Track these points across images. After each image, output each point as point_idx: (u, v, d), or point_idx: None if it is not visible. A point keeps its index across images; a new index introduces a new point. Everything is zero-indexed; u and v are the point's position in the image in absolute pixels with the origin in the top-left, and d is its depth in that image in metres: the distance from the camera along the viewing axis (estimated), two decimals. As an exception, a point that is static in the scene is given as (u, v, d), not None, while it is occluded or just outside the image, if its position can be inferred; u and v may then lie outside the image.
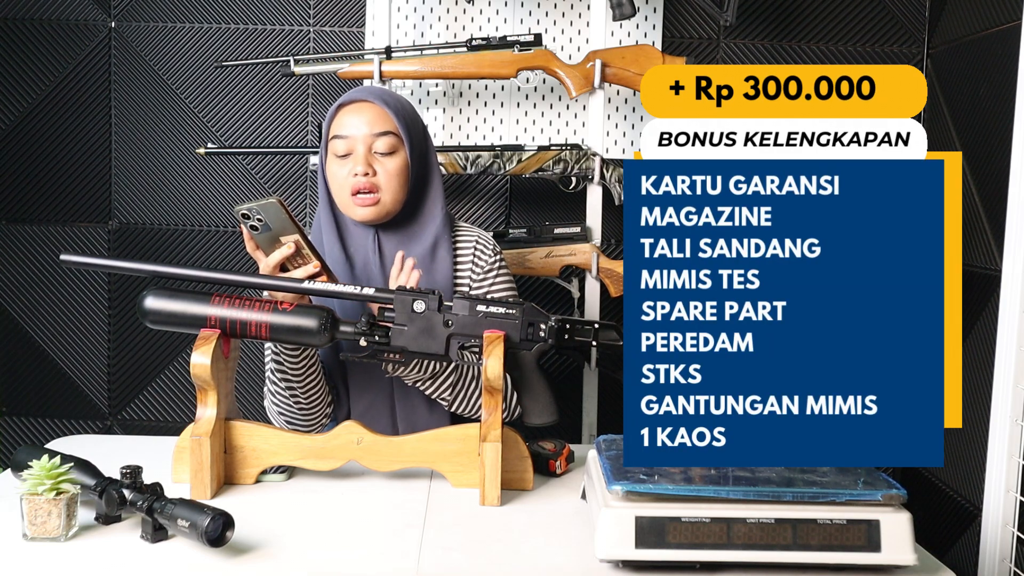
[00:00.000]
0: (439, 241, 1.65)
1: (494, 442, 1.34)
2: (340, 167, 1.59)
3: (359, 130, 1.58)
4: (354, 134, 1.58)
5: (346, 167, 1.59)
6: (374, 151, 1.59)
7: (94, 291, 2.60)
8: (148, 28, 2.54)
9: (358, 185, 1.57)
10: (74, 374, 2.62)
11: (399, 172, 1.60)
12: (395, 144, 1.60)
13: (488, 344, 1.38)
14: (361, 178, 1.57)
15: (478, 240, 1.71)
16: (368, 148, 1.58)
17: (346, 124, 1.59)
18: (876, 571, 1.14)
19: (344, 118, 1.60)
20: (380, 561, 1.16)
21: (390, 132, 1.59)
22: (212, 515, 1.12)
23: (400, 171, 1.60)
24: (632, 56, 2.29)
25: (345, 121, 1.59)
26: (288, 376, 1.56)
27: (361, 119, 1.59)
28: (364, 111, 1.59)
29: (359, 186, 1.57)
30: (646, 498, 1.13)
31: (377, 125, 1.59)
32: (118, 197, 2.58)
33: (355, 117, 1.59)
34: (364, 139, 1.58)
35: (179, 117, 2.57)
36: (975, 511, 2.11)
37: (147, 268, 1.43)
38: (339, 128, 1.59)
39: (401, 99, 1.66)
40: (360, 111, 1.59)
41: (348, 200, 1.60)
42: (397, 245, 1.64)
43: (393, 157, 1.60)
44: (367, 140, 1.58)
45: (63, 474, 1.19)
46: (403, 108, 1.63)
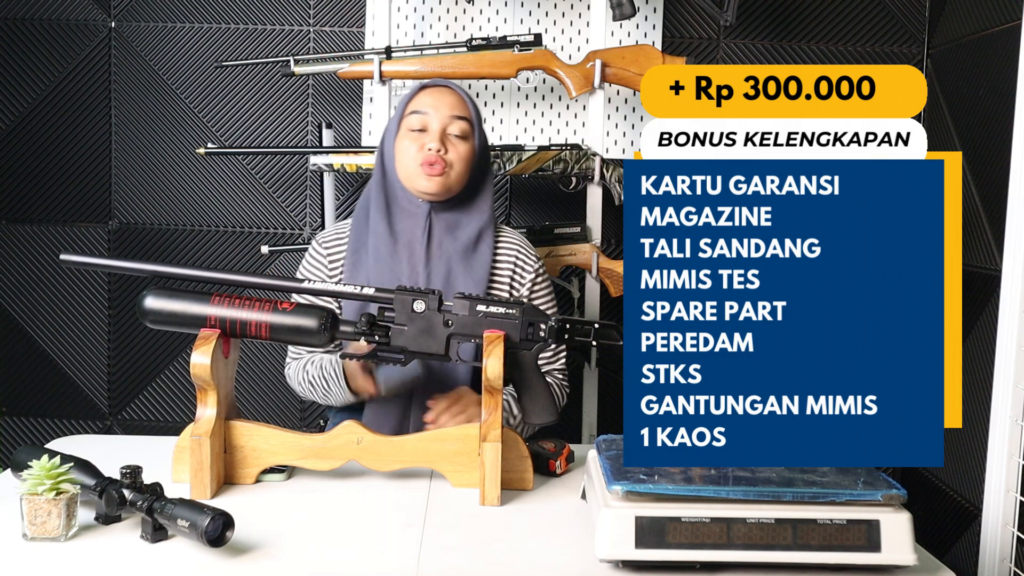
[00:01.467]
0: (483, 235, 1.72)
1: (494, 442, 1.34)
2: (412, 141, 1.67)
3: (439, 110, 1.67)
4: (432, 110, 1.67)
5: (418, 141, 1.67)
6: (448, 132, 1.67)
7: (94, 291, 2.60)
8: (148, 28, 2.54)
9: (431, 158, 1.65)
10: (74, 374, 2.62)
11: (467, 156, 1.69)
12: (467, 130, 1.69)
13: (488, 344, 1.38)
14: (435, 153, 1.65)
15: (521, 248, 1.78)
16: (443, 128, 1.67)
17: (426, 103, 1.68)
18: (876, 571, 1.14)
19: (425, 97, 1.69)
20: (380, 561, 1.16)
21: (465, 118, 1.68)
22: (212, 515, 1.12)
23: (468, 156, 1.69)
24: (632, 56, 2.29)
25: (425, 100, 1.69)
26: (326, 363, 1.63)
27: (441, 100, 1.68)
28: (444, 94, 1.69)
29: (431, 159, 1.65)
30: (646, 498, 1.13)
31: (456, 108, 1.69)
32: (118, 197, 2.59)
33: (435, 98, 1.68)
34: (442, 119, 1.67)
35: (179, 117, 2.57)
36: (975, 511, 2.11)
37: (147, 268, 1.43)
38: (418, 105, 1.69)
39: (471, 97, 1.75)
40: (441, 93, 1.69)
41: (416, 170, 1.66)
42: (445, 228, 1.70)
43: (465, 142, 1.69)
44: (444, 120, 1.67)
45: (63, 474, 1.19)
46: (474, 104, 1.74)
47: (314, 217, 2.58)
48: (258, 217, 2.59)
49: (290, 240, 2.60)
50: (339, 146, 2.35)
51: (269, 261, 2.58)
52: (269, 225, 2.60)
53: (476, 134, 1.70)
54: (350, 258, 1.70)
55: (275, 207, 2.59)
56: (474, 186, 1.72)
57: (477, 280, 1.68)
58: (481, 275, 1.69)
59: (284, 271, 2.59)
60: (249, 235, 2.60)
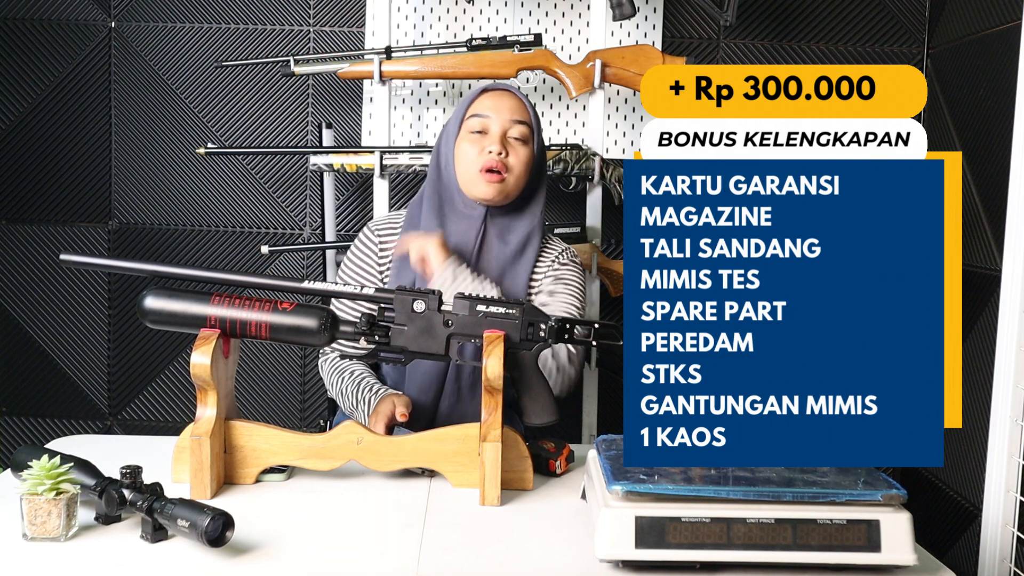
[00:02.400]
0: (531, 238, 1.72)
1: (494, 442, 1.34)
2: (472, 144, 1.67)
3: (500, 113, 1.67)
4: (494, 114, 1.67)
5: (479, 144, 1.66)
6: (508, 135, 1.67)
7: (94, 291, 2.60)
8: (148, 28, 2.54)
9: (491, 162, 1.64)
10: (74, 374, 2.62)
11: (526, 160, 1.69)
12: (528, 135, 1.68)
13: (488, 344, 1.38)
14: (495, 157, 1.64)
15: (565, 249, 1.79)
16: (504, 132, 1.67)
17: (488, 106, 1.68)
18: (876, 571, 1.14)
19: (486, 100, 1.69)
20: (380, 561, 1.16)
21: (526, 123, 1.68)
22: (212, 515, 1.12)
23: (527, 160, 1.69)
24: (632, 56, 2.29)
25: (487, 103, 1.69)
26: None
27: (502, 104, 1.68)
28: (505, 98, 1.69)
29: (492, 163, 1.64)
30: (646, 498, 1.13)
31: (517, 113, 1.68)
32: (118, 197, 2.59)
33: (497, 101, 1.68)
34: (503, 122, 1.67)
35: (179, 117, 2.57)
36: (975, 511, 2.11)
37: (147, 268, 1.43)
38: (480, 108, 1.68)
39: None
40: (502, 97, 1.69)
41: (475, 176, 1.66)
42: (497, 233, 1.70)
43: (525, 146, 1.69)
44: (505, 124, 1.67)
45: (63, 474, 1.19)
46: (535, 109, 1.74)
47: (314, 217, 2.59)
48: (258, 217, 2.59)
49: (290, 240, 2.60)
50: (339, 146, 2.36)
51: (269, 261, 2.58)
52: (269, 225, 2.60)
53: (535, 139, 1.70)
54: (398, 257, 1.70)
55: (275, 207, 2.59)
56: (529, 191, 1.72)
57: (521, 284, 1.70)
58: (524, 279, 1.70)
59: (284, 271, 2.59)
60: (249, 235, 2.60)
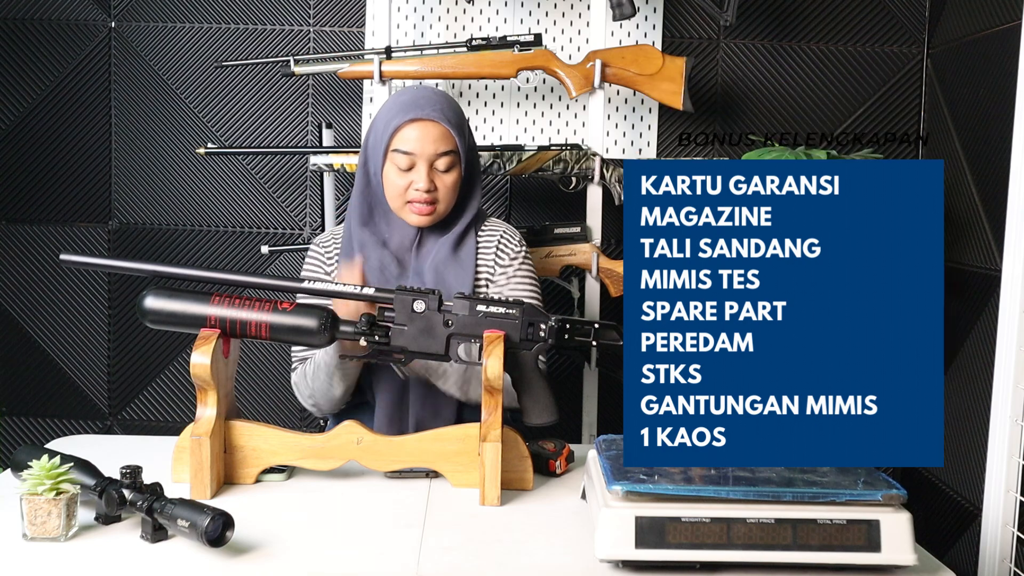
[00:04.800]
0: (468, 230, 1.71)
1: (494, 442, 1.34)
2: (399, 176, 1.65)
3: (424, 148, 1.64)
4: (419, 151, 1.64)
5: (405, 178, 1.65)
6: (434, 167, 1.65)
7: (94, 291, 2.60)
8: (148, 28, 2.54)
9: (419, 198, 1.64)
10: (74, 374, 2.62)
11: (454, 185, 1.68)
12: (453, 161, 1.66)
13: (488, 344, 1.38)
14: (424, 193, 1.64)
15: (503, 233, 1.77)
16: (430, 165, 1.64)
17: (410, 140, 1.64)
18: (876, 571, 1.14)
19: (408, 132, 1.64)
20: (380, 561, 1.16)
21: (451, 151, 1.65)
22: (212, 515, 1.12)
23: (455, 184, 1.68)
24: (632, 56, 2.29)
25: (409, 136, 1.64)
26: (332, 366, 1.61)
27: (426, 137, 1.64)
28: (429, 129, 1.64)
29: (420, 199, 1.64)
30: (646, 498, 1.13)
31: (441, 144, 1.64)
32: (118, 197, 2.58)
33: (420, 133, 1.64)
34: (428, 157, 1.64)
35: (179, 117, 2.57)
36: (975, 511, 2.11)
37: (147, 268, 1.43)
38: (403, 143, 1.64)
39: (453, 105, 1.70)
40: (425, 129, 1.64)
41: (403, 206, 1.67)
42: (432, 235, 1.70)
43: (451, 172, 1.67)
44: (430, 158, 1.64)
45: (63, 474, 1.19)
46: (459, 121, 1.69)
47: (314, 217, 2.58)
48: (258, 217, 2.59)
49: (290, 240, 2.60)
50: (339, 146, 2.35)
51: (269, 261, 2.58)
52: (269, 225, 2.60)
53: (463, 160, 1.68)
54: (342, 264, 1.69)
55: (275, 207, 2.59)
56: (463, 196, 1.72)
57: (466, 270, 1.69)
58: (469, 264, 1.69)
59: (284, 271, 2.59)
60: (249, 235, 2.60)
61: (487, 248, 1.74)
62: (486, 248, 1.74)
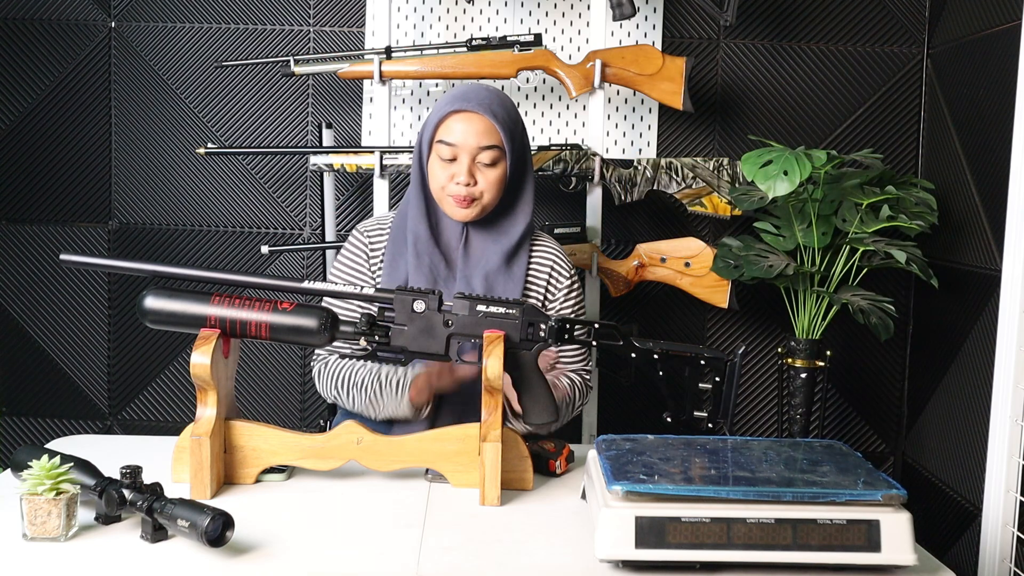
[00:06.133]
0: (521, 246, 1.71)
1: (494, 442, 1.34)
2: (442, 168, 1.65)
3: (467, 140, 1.63)
4: (461, 143, 1.63)
5: (448, 170, 1.64)
6: (477, 161, 1.64)
7: (94, 291, 2.60)
8: (148, 28, 2.54)
9: (459, 193, 1.63)
10: (74, 374, 2.62)
11: (499, 181, 1.66)
12: (498, 156, 1.65)
13: (488, 344, 1.38)
14: (463, 187, 1.63)
15: (556, 257, 1.77)
16: (472, 158, 1.63)
17: (454, 131, 1.63)
18: (876, 571, 1.14)
19: (453, 124, 1.64)
20: (380, 561, 1.16)
21: (495, 146, 1.64)
22: (212, 515, 1.12)
23: (499, 180, 1.66)
24: (632, 56, 2.29)
25: (454, 128, 1.63)
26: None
27: (470, 129, 1.63)
28: (473, 122, 1.63)
29: (460, 194, 1.63)
30: (646, 498, 1.13)
31: (484, 138, 1.63)
32: (118, 197, 2.59)
33: (464, 126, 1.63)
34: (470, 150, 1.63)
35: (179, 117, 2.57)
36: (975, 511, 2.11)
37: (147, 268, 1.43)
38: (447, 134, 1.64)
39: (506, 103, 1.69)
40: (469, 121, 1.63)
41: (445, 198, 1.66)
42: (483, 240, 1.69)
43: (495, 168, 1.65)
44: (472, 152, 1.63)
45: (63, 474, 1.19)
46: (508, 117, 1.67)
47: (314, 217, 2.58)
48: (258, 217, 2.59)
49: (290, 240, 2.60)
50: (339, 146, 2.35)
51: (269, 261, 2.58)
52: (269, 225, 2.60)
53: (508, 156, 1.65)
54: (389, 255, 1.69)
55: (275, 207, 2.59)
56: (511, 196, 1.71)
57: (517, 284, 1.69)
58: (520, 279, 1.70)
59: (284, 271, 2.59)
60: (249, 235, 2.60)
61: (541, 268, 1.74)
62: (539, 268, 1.74)
